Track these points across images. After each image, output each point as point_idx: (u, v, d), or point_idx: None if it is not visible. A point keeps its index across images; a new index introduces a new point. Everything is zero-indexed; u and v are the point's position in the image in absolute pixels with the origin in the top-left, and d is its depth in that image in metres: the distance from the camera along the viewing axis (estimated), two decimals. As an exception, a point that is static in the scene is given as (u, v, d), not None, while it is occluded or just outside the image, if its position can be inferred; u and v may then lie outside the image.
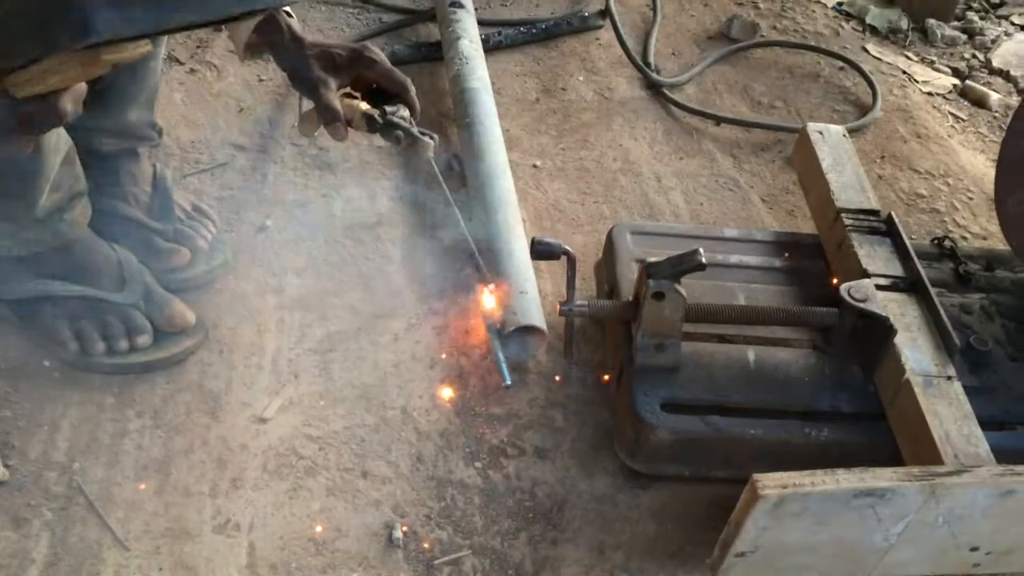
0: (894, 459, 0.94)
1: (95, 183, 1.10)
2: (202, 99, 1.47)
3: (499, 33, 1.69)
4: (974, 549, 0.84)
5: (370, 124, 1.06)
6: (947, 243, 1.17)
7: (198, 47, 1.56)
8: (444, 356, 1.14)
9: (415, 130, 1.06)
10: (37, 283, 1.06)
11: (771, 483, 0.77)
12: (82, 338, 1.07)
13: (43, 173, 0.98)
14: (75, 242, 1.06)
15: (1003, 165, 1.17)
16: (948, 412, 0.91)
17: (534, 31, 1.72)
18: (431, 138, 1.07)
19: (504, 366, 1.08)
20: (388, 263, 1.25)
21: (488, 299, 1.14)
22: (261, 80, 1.52)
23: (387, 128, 1.05)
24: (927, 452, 0.88)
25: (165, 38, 1.14)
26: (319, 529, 0.95)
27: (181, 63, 1.52)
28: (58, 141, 0.99)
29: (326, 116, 1.04)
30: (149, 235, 1.17)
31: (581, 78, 1.66)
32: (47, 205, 1.01)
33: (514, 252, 1.19)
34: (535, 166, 1.45)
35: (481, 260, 1.16)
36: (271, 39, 1.05)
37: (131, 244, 1.13)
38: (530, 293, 1.15)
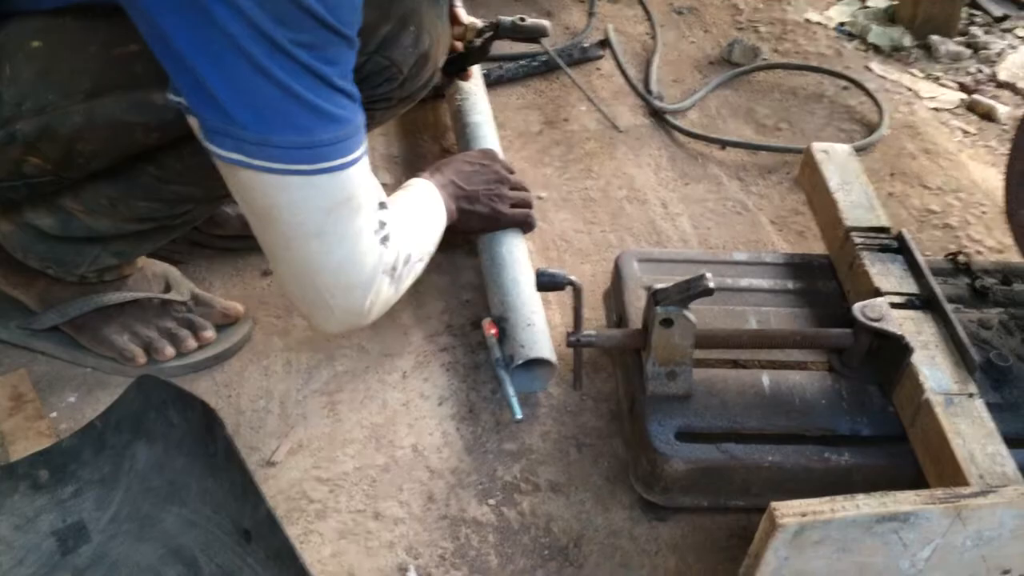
0: (919, 482, 0.92)
1: None
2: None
3: (500, 67, 1.70)
4: (1006, 572, 0.81)
5: (495, 31, 1.32)
6: (961, 258, 1.15)
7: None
8: (453, 393, 1.13)
9: (529, 21, 1.34)
10: (91, 298, 1.08)
11: (789, 511, 0.74)
12: (150, 347, 1.10)
13: None
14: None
15: (1012, 178, 1.15)
16: (971, 431, 0.88)
17: (535, 64, 1.72)
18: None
19: (514, 400, 1.07)
20: (395, 300, 1.24)
21: (494, 333, 1.13)
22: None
23: (505, 28, 1.33)
24: (952, 473, 0.86)
25: None
26: (332, 574, 0.93)
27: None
28: None
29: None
30: None
31: (583, 108, 1.66)
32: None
33: (520, 283, 1.17)
34: (540, 197, 1.45)
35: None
36: None
37: None
38: (538, 325, 1.13)
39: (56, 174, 0.93)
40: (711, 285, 0.93)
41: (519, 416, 1.06)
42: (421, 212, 1.09)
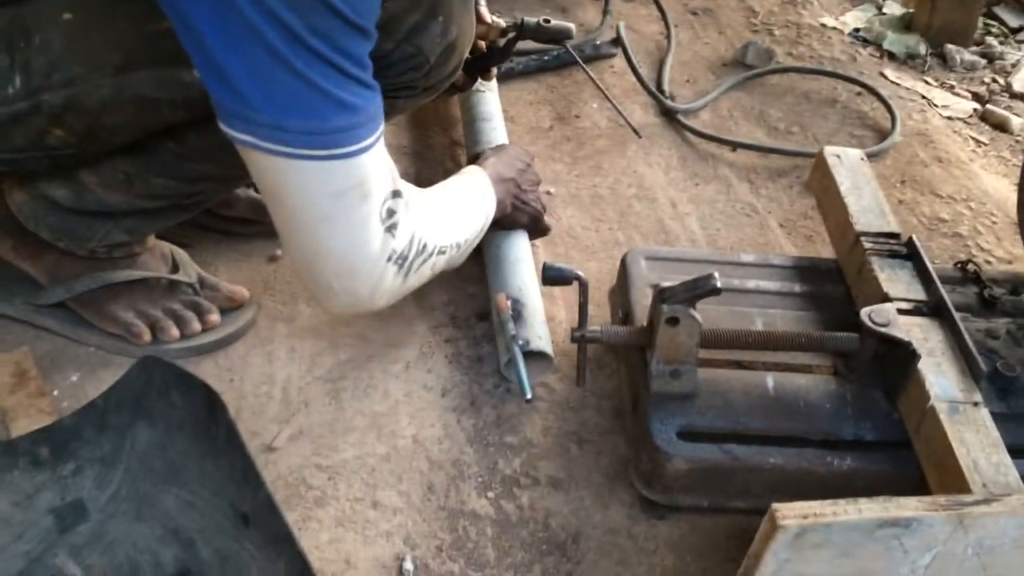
0: (921, 489, 0.91)
1: None
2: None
3: (512, 61, 1.69)
4: (1006, 582, 0.81)
5: (519, 31, 1.30)
6: (971, 267, 1.14)
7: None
8: (455, 385, 1.12)
9: (554, 23, 1.33)
10: (99, 275, 1.08)
11: (791, 513, 0.74)
12: (155, 327, 1.11)
13: None
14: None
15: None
16: (975, 439, 0.88)
17: (547, 59, 1.72)
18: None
19: (526, 380, 1.05)
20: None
21: (511, 313, 1.11)
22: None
23: (529, 29, 1.31)
24: (954, 481, 0.85)
25: None
26: (328, 561, 0.93)
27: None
28: None
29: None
30: None
31: (595, 105, 1.66)
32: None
33: (535, 279, 1.18)
34: (548, 193, 1.44)
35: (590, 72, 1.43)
36: None
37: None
38: (541, 318, 1.13)
39: (78, 147, 0.93)
40: (718, 285, 0.93)
41: (530, 395, 1.05)
42: (457, 203, 1.08)
